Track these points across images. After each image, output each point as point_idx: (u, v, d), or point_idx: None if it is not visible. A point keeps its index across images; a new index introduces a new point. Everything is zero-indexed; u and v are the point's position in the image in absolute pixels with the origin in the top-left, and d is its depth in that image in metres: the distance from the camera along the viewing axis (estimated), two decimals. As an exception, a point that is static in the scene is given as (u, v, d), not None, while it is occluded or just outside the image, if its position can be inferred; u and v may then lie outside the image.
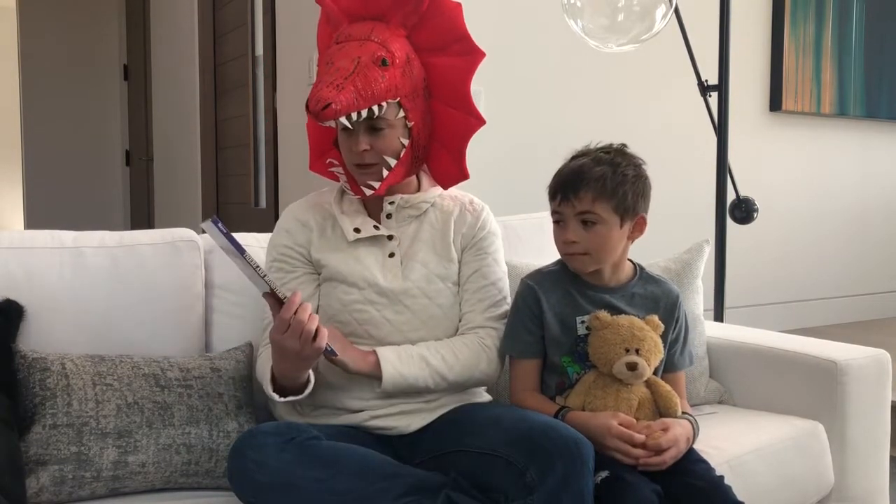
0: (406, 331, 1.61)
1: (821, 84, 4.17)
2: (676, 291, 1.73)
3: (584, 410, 1.57)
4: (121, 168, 5.91)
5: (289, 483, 1.38)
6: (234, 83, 4.11)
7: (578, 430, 1.43)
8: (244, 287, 1.81)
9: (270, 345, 1.47)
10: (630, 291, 1.68)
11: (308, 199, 1.73)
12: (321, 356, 1.46)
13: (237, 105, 4.08)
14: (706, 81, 2.83)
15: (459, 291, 1.68)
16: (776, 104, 4.02)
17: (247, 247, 1.85)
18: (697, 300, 2.06)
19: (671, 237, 2.57)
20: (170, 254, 1.78)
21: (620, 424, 1.50)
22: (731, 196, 2.90)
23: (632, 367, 1.56)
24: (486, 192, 1.96)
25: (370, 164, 1.59)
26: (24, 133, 5.69)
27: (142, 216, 5.59)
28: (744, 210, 2.93)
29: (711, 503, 1.49)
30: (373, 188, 1.60)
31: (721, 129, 2.79)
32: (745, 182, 3.01)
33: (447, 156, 1.69)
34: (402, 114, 1.59)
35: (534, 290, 1.66)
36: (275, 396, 1.52)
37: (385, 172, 1.59)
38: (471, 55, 1.64)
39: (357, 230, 1.62)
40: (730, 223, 2.85)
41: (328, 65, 1.53)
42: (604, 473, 1.46)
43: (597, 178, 1.58)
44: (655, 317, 1.63)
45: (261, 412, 1.70)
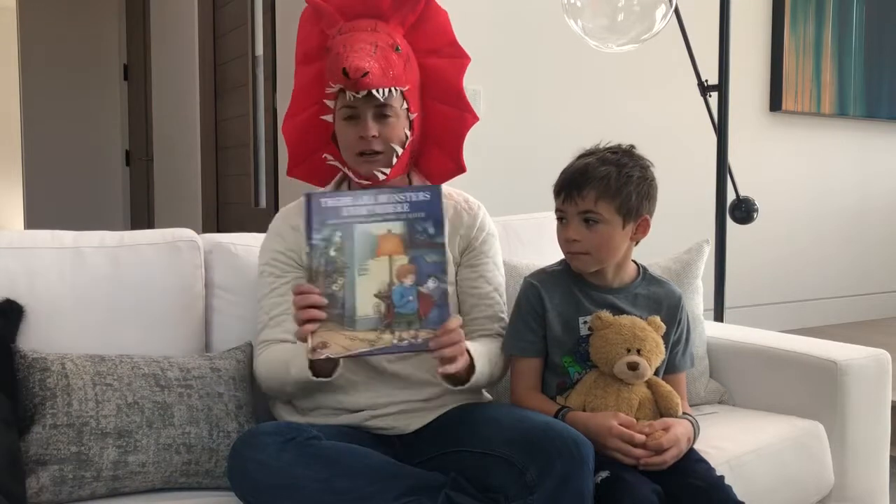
0: None
1: (821, 84, 4.17)
2: (679, 293, 1.73)
3: (585, 410, 1.57)
4: (121, 168, 5.90)
5: (289, 483, 1.37)
6: (234, 83, 4.11)
7: (579, 430, 1.43)
8: (244, 287, 1.82)
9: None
10: (633, 292, 1.68)
11: (300, 203, 1.73)
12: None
13: (237, 105, 4.08)
14: (706, 81, 2.83)
15: (458, 293, 1.68)
16: (776, 104, 4.02)
17: (247, 247, 1.87)
18: (697, 300, 2.06)
19: (671, 237, 2.57)
20: (170, 254, 1.78)
21: (621, 424, 1.50)
22: (731, 196, 2.90)
23: (633, 367, 1.55)
24: (486, 193, 1.96)
25: (377, 152, 1.59)
26: (24, 133, 5.69)
27: (142, 216, 5.59)
28: (744, 210, 2.93)
29: (711, 503, 1.49)
30: (384, 173, 1.59)
31: (721, 129, 2.79)
32: (745, 182, 3.00)
33: (440, 153, 1.70)
34: (406, 105, 1.59)
35: (537, 290, 1.66)
36: (308, 374, 1.48)
37: (394, 159, 1.59)
38: (460, 59, 1.69)
39: None
40: (730, 223, 2.85)
41: (345, 46, 1.53)
42: (604, 473, 1.46)
43: (601, 178, 1.58)
44: (657, 317, 1.63)
45: (261, 412, 1.70)
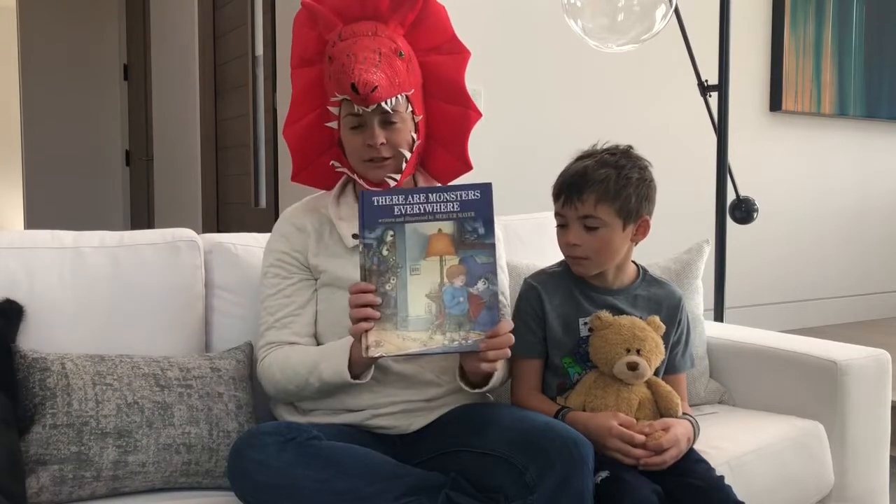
0: None
1: (821, 84, 4.17)
2: (679, 294, 1.73)
3: (585, 410, 1.57)
4: (121, 168, 5.90)
5: (289, 483, 1.37)
6: (234, 83, 4.11)
7: (578, 431, 1.43)
8: (244, 287, 1.82)
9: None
10: (633, 293, 1.68)
11: (305, 204, 1.73)
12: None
13: (237, 105, 4.08)
14: (706, 81, 2.83)
15: None
16: (776, 104, 4.02)
17: (247, 247, 1.87)
18: (697, 300, 2.06)
19: (671, 237, 2.57)
20: (170, 254, 1.78)
21: (621, 424, 1.50)
22: (731, 196, 2.90)
23: (632, 367, 1.55)
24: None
25: (385, 158, 1.58)
26: (24, 133, 5.69)
27: (142, 216, 5.59)
28: (744, 210, 2.93)
29: (711, 503, 1.49)
30: (395, 179, 1.59)
31: (721, 129, 2.79)
32: (745, 182, 3.00)
33: (445, 152, 1.69)
34: (410, 108, 1.59)
35: (537, 291, 1.66)
36: (346, 376, 1.48)
37: (403, 164, 1.59)
38: (461, 54, 1.67)
39: (356, 236, 1.61)
40: (730, 223, 2.85)
41: (349, 56, 1.52)
42: (604, 473, 1.46)
43: (600, 181, 1.57)
44: (657, 317, 1.63)
45: (261, 412, 1.70)
